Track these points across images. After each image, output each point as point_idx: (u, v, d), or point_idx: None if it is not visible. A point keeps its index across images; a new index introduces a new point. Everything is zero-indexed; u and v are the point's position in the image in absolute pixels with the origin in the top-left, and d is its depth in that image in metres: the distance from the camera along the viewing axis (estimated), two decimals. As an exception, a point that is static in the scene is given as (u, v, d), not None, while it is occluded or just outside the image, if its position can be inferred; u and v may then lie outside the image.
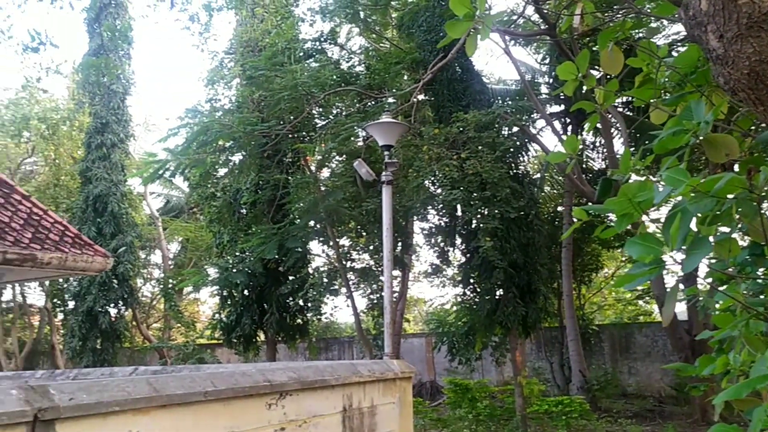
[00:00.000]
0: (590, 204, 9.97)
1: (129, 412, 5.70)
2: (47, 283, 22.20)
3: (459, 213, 13.44)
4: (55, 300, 24.00)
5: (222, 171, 16.19)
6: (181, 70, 59.82)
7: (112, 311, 20.82)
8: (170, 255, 27.53)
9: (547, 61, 17.96)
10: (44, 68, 8.10)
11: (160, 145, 15.97)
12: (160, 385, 6.11)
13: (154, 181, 17.12)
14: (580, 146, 15.77)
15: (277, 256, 14.87)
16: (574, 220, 14.65)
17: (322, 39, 15.34)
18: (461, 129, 12.60)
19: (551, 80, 17.47)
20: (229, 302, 16.86)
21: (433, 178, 13.22)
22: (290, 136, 14.43)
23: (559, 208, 19.69)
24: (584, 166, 18.44)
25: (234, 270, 15.49)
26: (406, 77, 15.17)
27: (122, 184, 21.03)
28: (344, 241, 16.92)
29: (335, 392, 8.16)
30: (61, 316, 25.65)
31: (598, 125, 12.98)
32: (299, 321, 17.38)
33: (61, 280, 20.78)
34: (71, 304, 21.79)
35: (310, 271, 17.27)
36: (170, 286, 22.79)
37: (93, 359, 19.99)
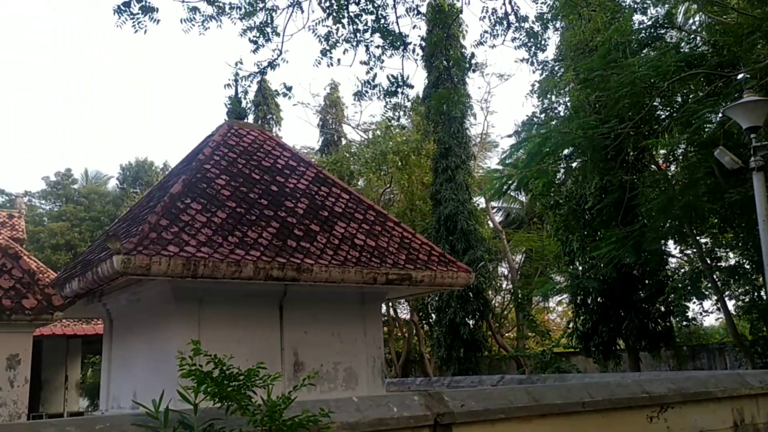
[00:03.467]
0: None
1: (513, 420, 5.95)
2: (411, 298, 24.69)
3: None
4: (420, 313, 26.49)
5: (562, 177, 16.13)
6: (510, 86, 61.50)
7: (470, 322, 22.15)
8: (515, 266, 28.27)
9: None
10: (402, 107, 9.10)
11: (496, 159, 16.57)
12: (538, 394, 6.25)
13: (500, 196, 17.85)
14: None
15: (629, 260, 14.19)
16: None
17: (657, 25, 14.31)
18: None
19: None
20: (583, 310, 16.60)
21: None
22: (631, 133, 13.71)
23: None
24: None
25: (586, 276, 15.22)
26: (760, 47, 13.25)
27: (468, 203, 22.38)
28: (705, 239, 15.39)
29: (722, 405, 7.37)
30: (426, 327, 28.21)
31: None
32: (661, 327, 16.27)
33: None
34: (434, 317, 23.83)
35: (668, 273, 16.09)
36: (519, 296, 23.41)
37: (458, 367, 21.45)
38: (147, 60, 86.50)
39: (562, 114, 14.91)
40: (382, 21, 7.41)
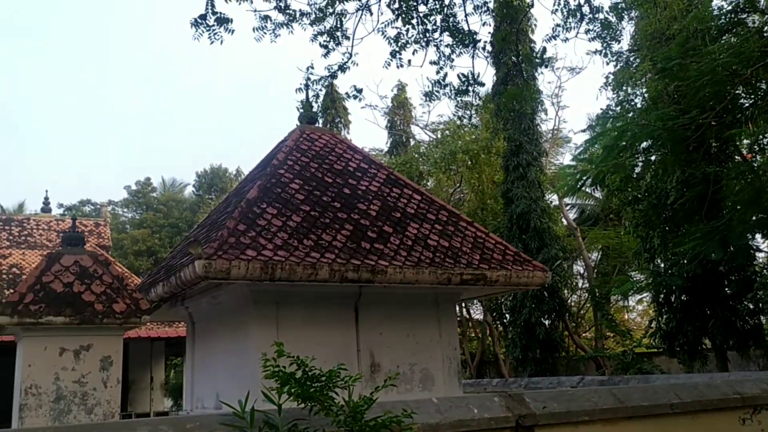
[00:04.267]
0: None
1: (598, 422, 5.78)
2: (484, 299, 24.43)
3: None
4: (493, 314, 26.19)
5: (640, 171, 15.58)
6: (581, 79, 60.05)
7: (546, 322, 21.72)
8: (592, 264, 27.55)
9: None
10: (473, 106, 9.03)
11: (568, 155, 16.18)
12: (623, 395, 6.06)
13: (574, 193, 17.44)
14: None
15: (715, 256, 13.57)
16: None
17: (738, 9, 13.64)
18: None
19: None
20: (666, 308, 15.99)
21: None
22: (713, 123, 13.11)
23: None
24: None
25: (669, 274, 14.65)
26: None
27: (541, 200, 21.96)
28: (798, 232, 14.53)
29: (822, 409, 6.92)
30: (500, 328, 27.87)
31: None
32: (750, 325, 15.48)
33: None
34: (508, 317, 23.48)
35: (756, 269, 15.29)
36: (597, 295, 22.78)
37: (534, 368, 21.07)
38: (216, 69, 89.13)
39: (638, 106, 14.40)
40: (451, 20, 7.37)
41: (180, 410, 24.56)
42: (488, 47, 8.41)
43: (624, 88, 14.87)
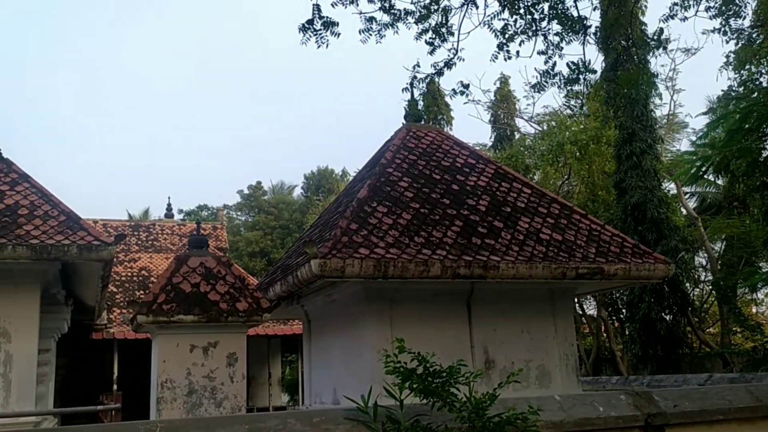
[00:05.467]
0: None
1: (733, 422, 5.44)
2: (599, 293, 23.54)
3: None
4: (609, 309, 25.22)
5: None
6: (698, 61, 56.87)
7: (668, 317, 20.66)
8: (715, 255, 25.93)
9: None
10: (584, 95, 8.70)
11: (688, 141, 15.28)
12: (762, 394, 5.66)
13: (695, 180, 16.49)
14: None
15: None
16: None
17: None
18: None
19: None
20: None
21: None
22: None
23: None
24: None
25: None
26: None
27: (657, 189, 20.92)
28: None
29: None
30: (616, 324, 26.79)
31: None
32: None
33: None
34: (625, 312, 22.52)
35: None
36: (722, 287, 21.41)
37: (655, 366, 20.10)
38: (318, 72, 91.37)
39: (764, 85, 13.40)
40: (559, 7, 7.16)
41: (296, 405, 25.38)
42: (596, 33, 8.11)
43: (747, 66, 13.87)
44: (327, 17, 7.29)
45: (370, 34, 7.65)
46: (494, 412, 3.99)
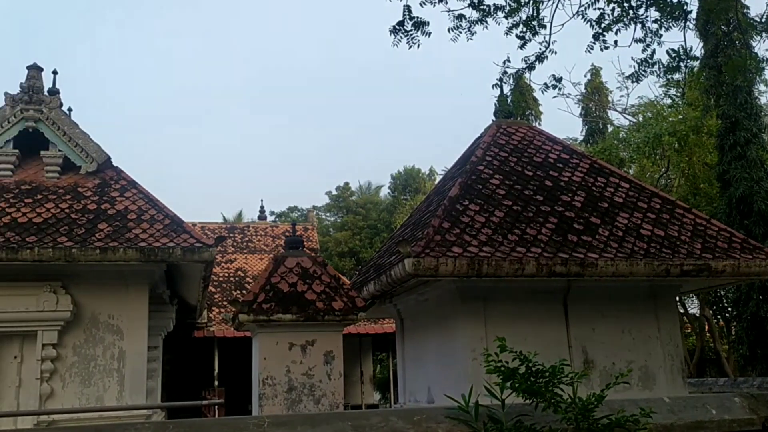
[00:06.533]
0: None
1: None
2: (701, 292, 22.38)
3: None
4: (713, 308, 23.96)
5: None
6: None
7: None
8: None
9: None
10: (685, 83, 8.32)
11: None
12: None
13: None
14: None
15: None
16: None
17: None
18: None
19: None
20: None
21: None
22: None
23: None
24: None
25: None
26: None
27: (765, 181, 19.68)
28: None
29: None
30: (720, 323, 25.42)
31: None
32: None
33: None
34: (731, 311, 21.31)
35: None
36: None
37: (764, 367, 18.93)
38: (403, 71, 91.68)
39: None
40: (658, -9, 6.87)
41: (387, 403, 25.57)
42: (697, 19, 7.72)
43: None
44: (417, 17, 7.29)
45: (460, 32, 7.59)
46: (600, 414, 3.87)
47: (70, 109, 11.75)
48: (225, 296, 23.65)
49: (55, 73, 11.87)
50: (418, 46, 7.38)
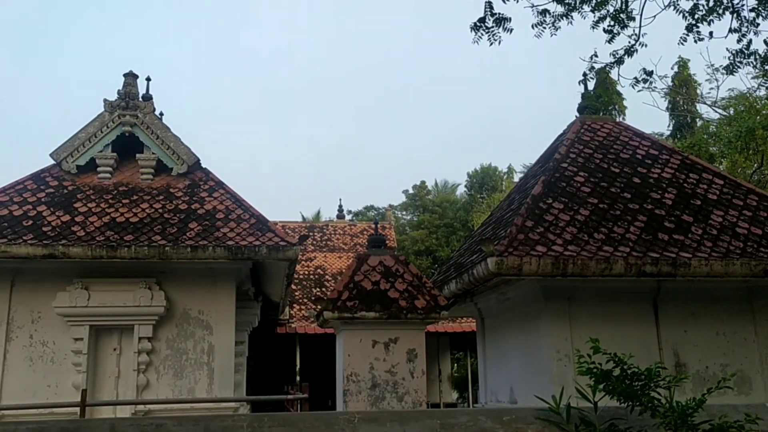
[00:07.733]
0: None
1: None
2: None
3: None
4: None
5: None
6: None
7: None
8: None
9: None
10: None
11: None
12: None
13: None
14: None
15: None
16: None
17: None
18: None
19: None
20: None
21: None
22: None
23: None
24: None
25: None
26: None
27: None
28: None
29: None
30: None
31: None
32: None
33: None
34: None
35: None
36: None
37: None
38: (480, 68, 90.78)
39: None
40: (756, -21, 6.54)
41: (465, 402, 25.40)
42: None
43: None
44: (499, 13, 7.23)
45: (544, 28, 7.47)
46: (698, 419, 3.74)
47: (161, 114, 12.30)
48: (305, 294, 24.14)
49: (148, 79, 12.48)
50: (499, 42, 7.31)
